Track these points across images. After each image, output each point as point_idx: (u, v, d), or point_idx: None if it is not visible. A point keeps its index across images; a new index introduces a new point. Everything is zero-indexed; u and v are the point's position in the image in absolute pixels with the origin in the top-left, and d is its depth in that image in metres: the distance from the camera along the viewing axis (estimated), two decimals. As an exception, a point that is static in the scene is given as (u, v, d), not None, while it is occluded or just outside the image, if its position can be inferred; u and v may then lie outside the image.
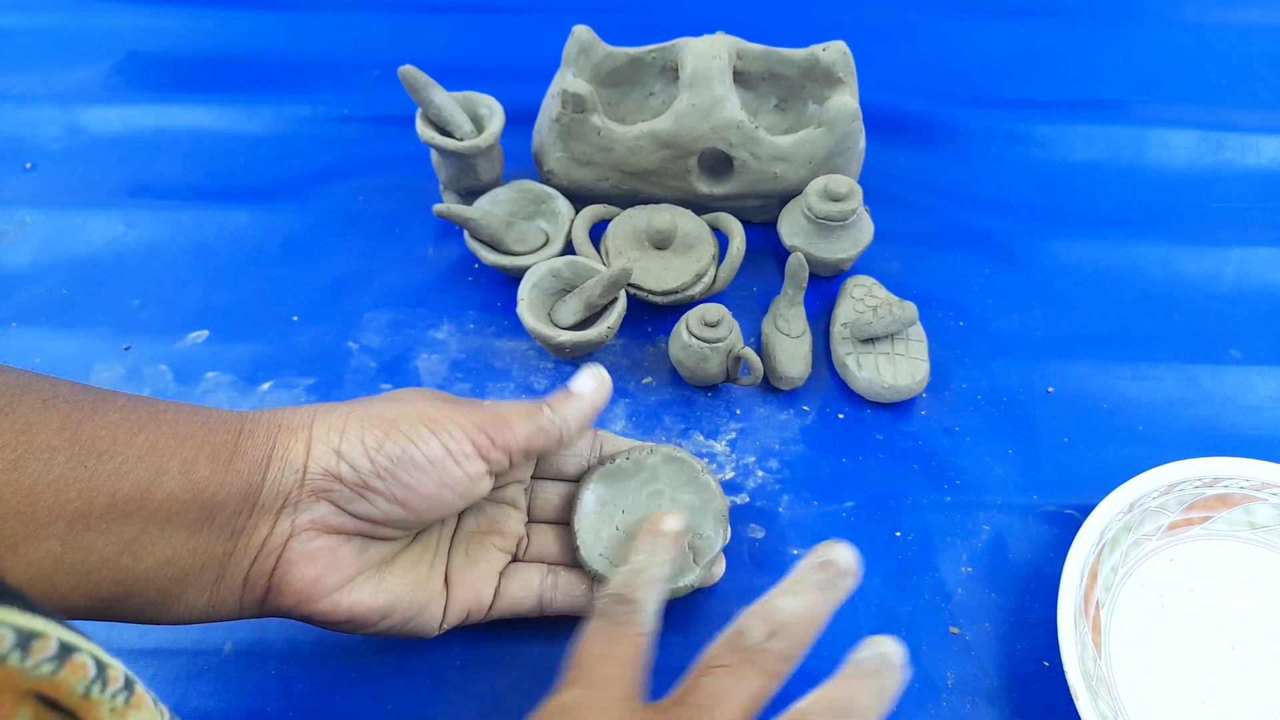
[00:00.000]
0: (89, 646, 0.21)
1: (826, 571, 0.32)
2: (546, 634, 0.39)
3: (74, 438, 0.28)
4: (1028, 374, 0.49)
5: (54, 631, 0.19)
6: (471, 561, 0.37)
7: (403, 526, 0.34)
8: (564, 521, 0.40)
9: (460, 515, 0.38)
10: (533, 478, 0.40)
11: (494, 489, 0.39)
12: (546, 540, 0.39)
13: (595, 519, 0.39)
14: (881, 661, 0.30)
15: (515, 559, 0.39)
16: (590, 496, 0.39)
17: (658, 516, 0.36)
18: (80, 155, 0.60)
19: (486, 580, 0.37)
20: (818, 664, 0.32)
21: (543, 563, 0.39)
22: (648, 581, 0.34)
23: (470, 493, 0.34)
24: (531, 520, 0.40)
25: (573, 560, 0.39)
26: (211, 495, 0.30)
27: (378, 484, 0.32)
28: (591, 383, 0.38)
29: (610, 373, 0.48)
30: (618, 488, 0.39)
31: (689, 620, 0.40)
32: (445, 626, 0.36)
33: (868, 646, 0.31)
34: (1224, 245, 0.55)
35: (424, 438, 0.33)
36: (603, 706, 0.29)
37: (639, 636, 0.32)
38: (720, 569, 0.40)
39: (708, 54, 0.49)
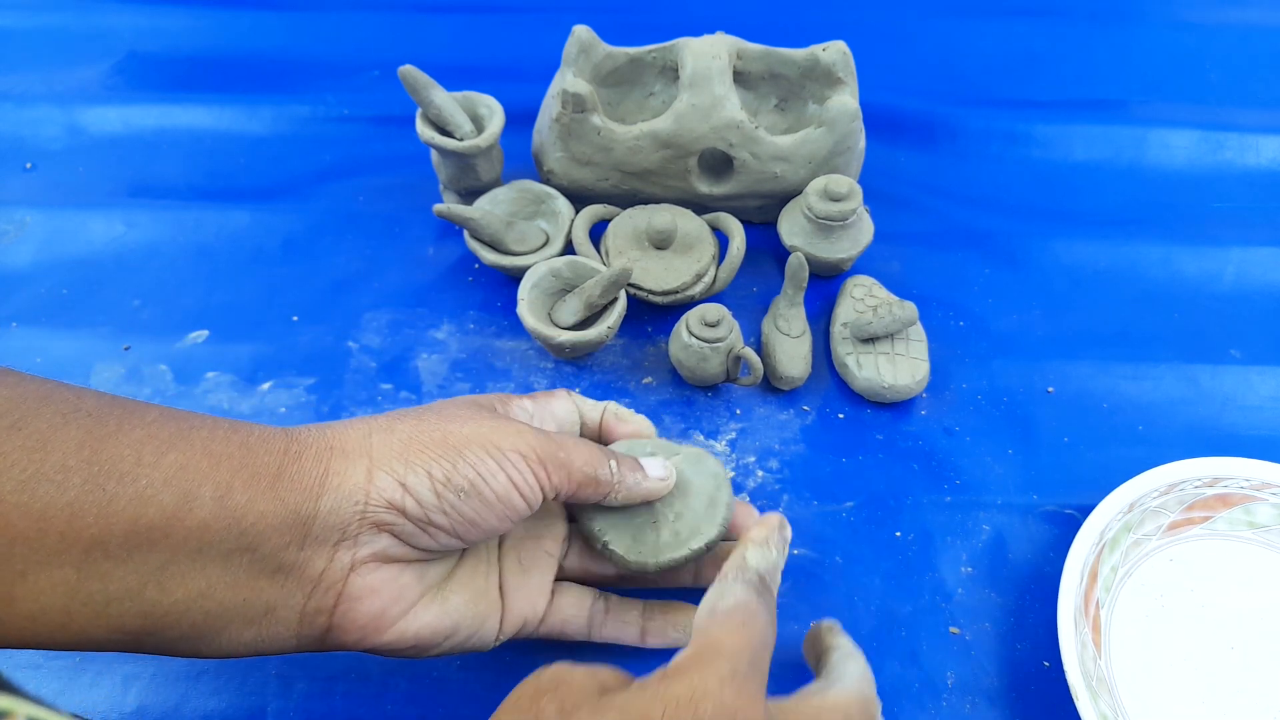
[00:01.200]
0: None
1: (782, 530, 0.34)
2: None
3: (93, 457, 0.26)
4: (1028, 374, 0.49)
5: (21, 709, 0.19)
6: (525, 571, 0.36)
7: (457, 548, 0.33)
8: None
9: None
10: None
11: None
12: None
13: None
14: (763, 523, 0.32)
15: (562, 569, 0.38)
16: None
17: (778, 517, 0.34)
18: (80, 155, 0.60)
19: (540, 591, 0.36)
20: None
21: (593, 589, 0.38)
22: (777, 573, 0.32)
23: (523, 518, 0.33)
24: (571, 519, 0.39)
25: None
26: (252, 524, 0.28)
27: (441, 520, 0.30)
28: (660, 472, 0.36)
29: (610, 373, 0.49)
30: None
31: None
32: (501, 639, 0.35)
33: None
34: (1224, 245, 0.55)
35: (491, 471, 0.31)
36: (750, 704, 0.26)
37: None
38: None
39: (708, 54, 0.49)
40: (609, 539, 0.36)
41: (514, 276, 0.51)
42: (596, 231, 0.52)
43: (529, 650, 0.38)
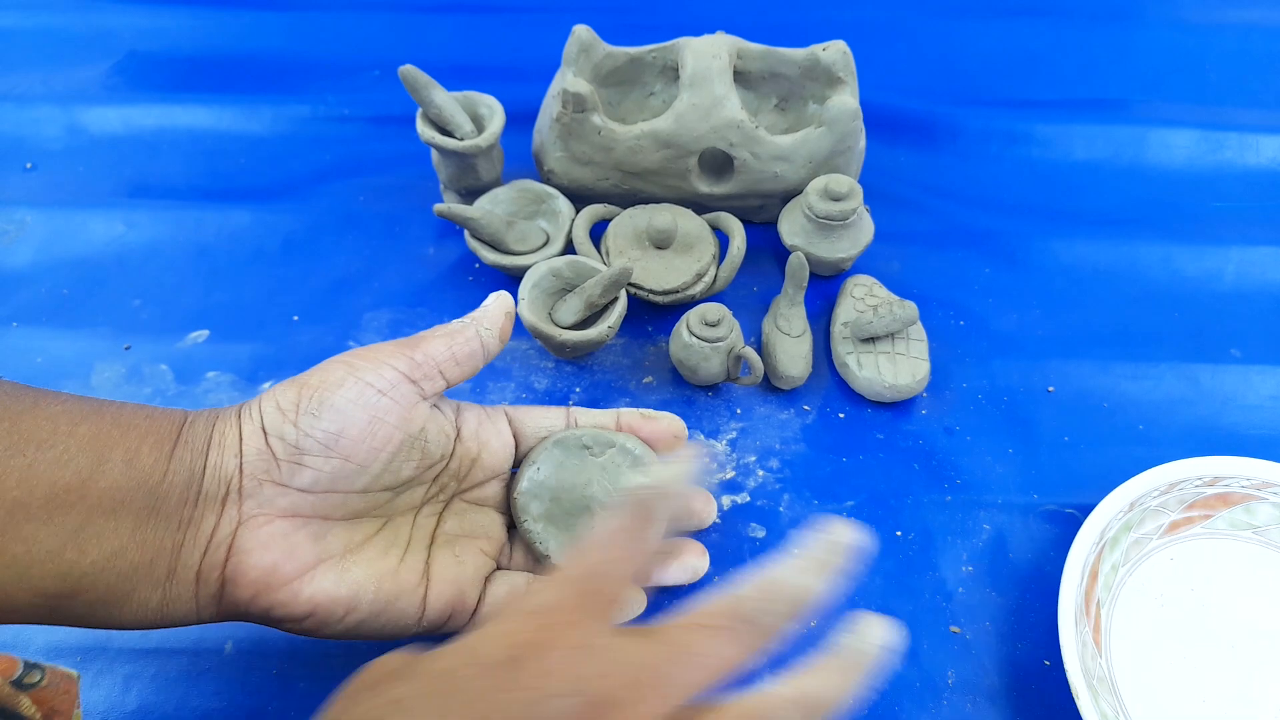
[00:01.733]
0: None
1: (831, 553, 0.29)
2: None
3: (13, 428, 0.28)
4: (1028, 373, 0.49)
5: None
6: (458, 562, 0.35)
7: (357, 488, 0.33)
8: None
9: (440, 516, 0.37)
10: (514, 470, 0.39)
11: (473, 488, 0.38)
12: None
13: (538, 486, 0.38)
14: (864, 653, 0.27)
15: (500, 568, 0.37)
16: (542, 457, 0.38)
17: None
18: (80, 155, 0.60)
19: (472, 582, 0.35)
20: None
21: (529, 571, 0.37)
22: (674, 495, 0.28)
23: (409, 419, 0.33)
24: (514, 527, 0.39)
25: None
26: (155, 484, 0.30)
27: (307, 442, 0.31)
28: (495, 296, 0.38)
29: (611, 372, 0.49)
30: (564, 461, 0.38)
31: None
32: (426, 624, 0.34)
33: (857, 631, 0.27)
34: (1224, 245, 0.55)
35: (338, 380, 0.32)
36: (581, 624, 0.25)
37: (648, 554, 0.28)
38: (704, 564, 0.39)
39: (708, 54, 0.49)
40: (549, 548, 0.37)
41: (514, 276, 0.51)
42: (597, 231, 0.52)
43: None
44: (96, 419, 0.30)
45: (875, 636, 0.27)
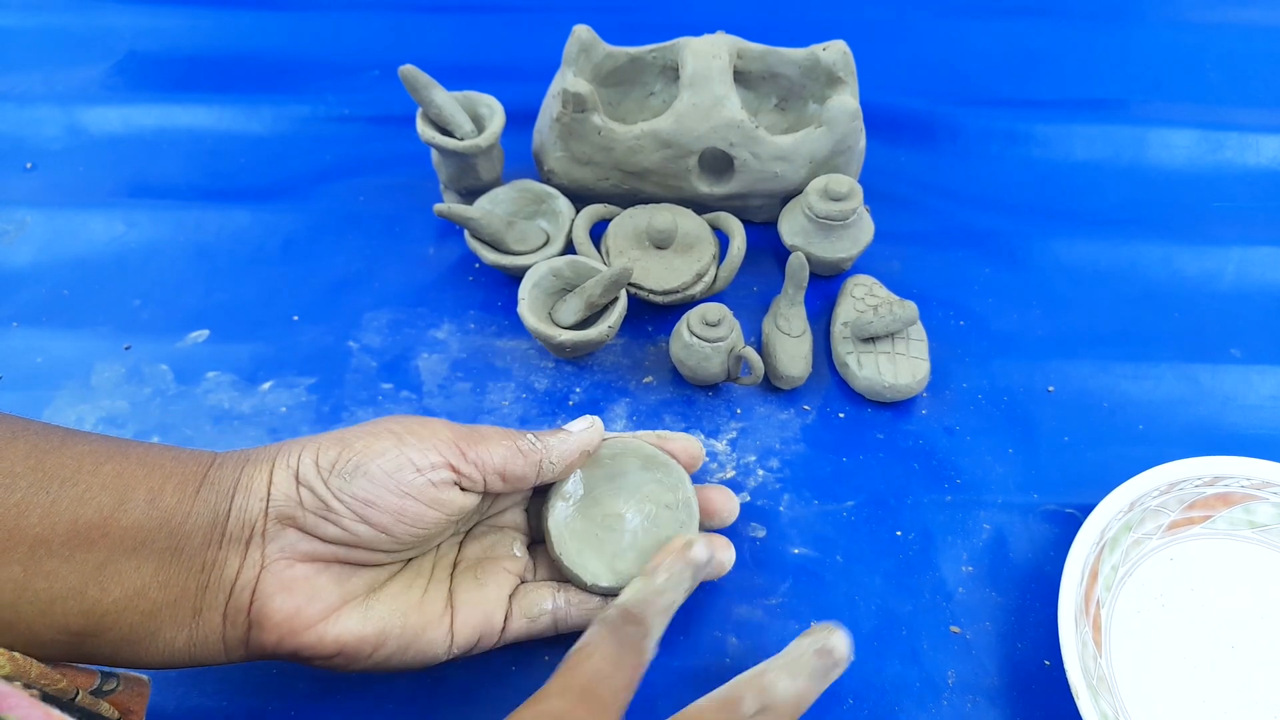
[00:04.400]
0: None
1: (823, 659, 0.32)
2: (548, 637, 0.38)
3: (38, 465, 0.28)
4: (1028, 373, 0.49)
5: None
6: (480, 585, 0.36)
7: (384, 548, 0.33)
8: None
9: (462, 544, 0.37)
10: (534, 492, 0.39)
11: (492, 514, 0.38)
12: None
13: (570, 514, 0.38)
14: (823, 655, 0.31)
15: (523, 581, 0.38)
16: (567, 488, 0.38)
17: (685, 539, 0.35)
18: (80, 155, 0.60)
19: (497, 603, 0.35)
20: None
21: (551, 581, 0.38)
22: (663, 608, 0.33)
23: (440, 503, 0.33)
24: (536, 542, 0.39)
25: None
26: (179, 524, 0.30)
27: (335, 504, 0.31)
28: (584, 423, 0.37)
29: (611, 372, 0.49)
30: (591, 479, 0.39)
31: (690, 619, 0.40)
32: (455, 650, 0.34)
33: (812, 635, 0.31)
34: (1224, 245, 0.55)
35: (381, 450, 0.32)
36: None
37: (641, 664, 0.32)
38: (730, 557, 0.39)
39: (708, 54, 0.49)
40: (576, 567, 0.37)
41: (514, 276, 0.51)
42: (597, 231, 0.52)
43: (530, 653, 0.38)
44: (121, 458, 0.30)
45: (836, 643, 0.31)
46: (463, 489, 0.34)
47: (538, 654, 0.38)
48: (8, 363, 0.48)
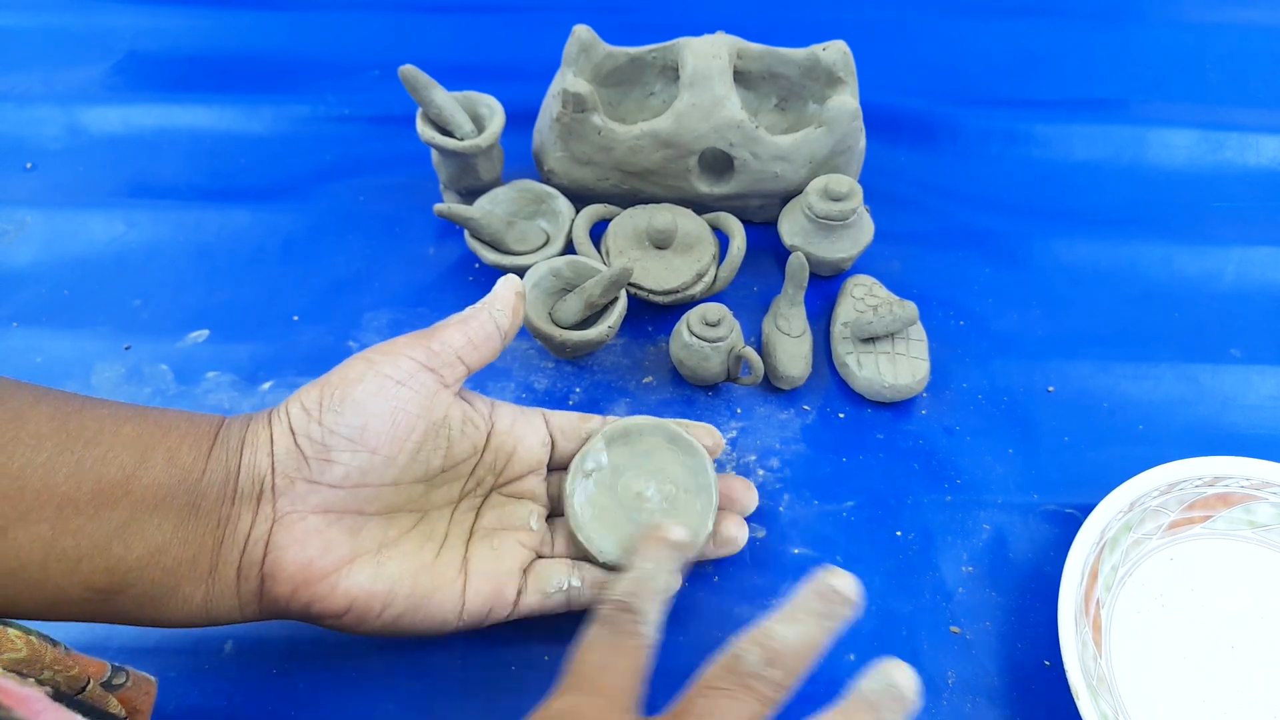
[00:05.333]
0: None
1: (827, 600, 0.31)
2: (548, 635, 0.38)
3: (62, 427, 0.30)
4: (1028, 373, 0.49)
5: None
6: (496, 555, 0.36)
7: (389, 481, 0.34)
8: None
9: (478, 510, 0.38)
10: (550, 470, 0.40)
11: (510, 483, 0.39)
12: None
13: (589, 493, 0.38)
14: (888, 694, 0.28)
15: (540, 558, 0.38)
16: (589, 462, 0.39)
17: (662, 525, 0.35)
18: (80, 155, 0.60)
19: (510, 574, 0.36)
20: (814, 684, 0.32)
21: (567, 558, 0.38)
22: (652, 591, 0.33)
23: (431, 407, 0.34)
24: (554, 515, 0.39)
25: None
26: (194, 482, 0.31)
27: (333, 439, 0.32)
28: (503, 280, 0.39)
29: (611, 372, 0.49)
30: (617, 454, 0.39)
31: (690, 619, 0.40)
32: (466, 618, 0.35)
33: (878, 675, 0.29)
34: (1224, 245, 0.55)
35: (357, 376, 0.33)
36: (601, 716, 0.29)
37: (641, 648, 0.32)
38: (743, 535, 0.40)
39: (708, 54, 0.49)
40: (589, 540, 0.37)
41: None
42: (597, 231, 0.52)
43: (531, 650, 0.39)
44: (140, 420, 0.31)
45: (901, 680, 0.29)
46: (445, 384, 0.35)
47: (540, 652, 0.39)
48: (8, 363, 0.48)
